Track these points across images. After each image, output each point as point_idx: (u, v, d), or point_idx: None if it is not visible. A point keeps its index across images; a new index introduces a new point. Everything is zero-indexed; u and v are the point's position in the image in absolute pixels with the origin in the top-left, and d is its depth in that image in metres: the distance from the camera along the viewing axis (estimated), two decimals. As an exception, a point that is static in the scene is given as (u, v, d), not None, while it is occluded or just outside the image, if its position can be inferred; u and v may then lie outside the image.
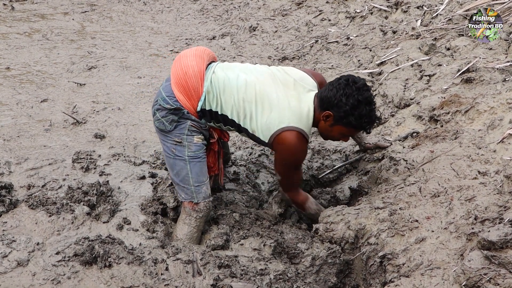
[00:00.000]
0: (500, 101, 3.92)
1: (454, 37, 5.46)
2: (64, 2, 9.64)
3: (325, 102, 3.56)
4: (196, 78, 3.60)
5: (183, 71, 3.61)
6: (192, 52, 3.74)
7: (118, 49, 7.50)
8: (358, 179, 4.32)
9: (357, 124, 3.55)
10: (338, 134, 3.68)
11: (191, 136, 3.65)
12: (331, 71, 5.87)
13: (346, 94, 3.49)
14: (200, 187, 3.68)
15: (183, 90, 3.60)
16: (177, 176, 3.69)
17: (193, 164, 3.66)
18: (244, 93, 3.58)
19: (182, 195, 3.71)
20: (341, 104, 3.49)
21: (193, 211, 3.67)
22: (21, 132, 4.87)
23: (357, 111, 3.50)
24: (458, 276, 2.80)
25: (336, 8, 7.44)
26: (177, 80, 3.62)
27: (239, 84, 3.60)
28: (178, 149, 3.65)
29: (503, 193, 3.18)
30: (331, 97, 3.53)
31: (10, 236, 3.35)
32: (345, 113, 3.50)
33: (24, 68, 6.61)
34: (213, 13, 8.80)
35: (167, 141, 3.68)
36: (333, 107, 3.53)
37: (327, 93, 3.56)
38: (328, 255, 3.52)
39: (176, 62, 3.71)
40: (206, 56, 3.75)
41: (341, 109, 3.50)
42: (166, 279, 3.21)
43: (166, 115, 3.62)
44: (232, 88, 3.60)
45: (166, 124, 3.63)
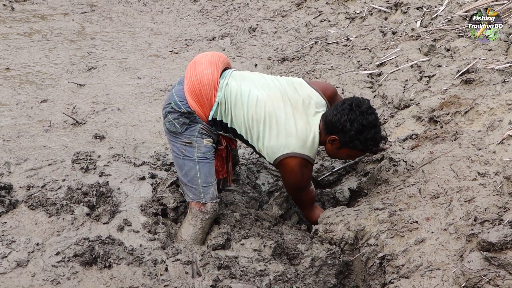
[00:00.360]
0: (500, 102, 3.92)
1: (454, 38, 5.46)
2: (64, 2, 9.64)
3: (330, 126, 3.60)
4: (210, 87, 3.62)
5: (197, 79, 3.62)
6: (207, 59, 3.73)
7: (117, 50, 7.50)
8: (358, 180, 4.32)
9: (363, 147, 3.60)
10: (346, 156, 3.75)
11: (201, 138, 3.68)
12: (331, 72, 5.87)
13: (350, 119, 3.53)
14: (208, 188, 3.70)
15: (196, 98, 3.62)
16: (186, 176, 3.70)
17: (202, 164, 3.68)
18: (254, 111, 3.61)
19: (189, 196, 3.72)
20: (346, 130, 3.54)
21: (199, 212, 3.68)
22: (21, 132, 4.86)
23: (363, 135, 3.54)
24: (458, 277, 2.80)
25: (336, 9, 7.44)
26: (191, 87, 3.63)
27: (250, 101, 3.63)
28: (187, 150, 3.67)
29: (502, 194, 3.18)
30: (336, 122, 3.56)
31: (9, 236, 3.35)
32: (350, 138, 3.55)
33: (24, 68, 6.60)
34: (212, 14, 8.80)
35: (176, 142, 3.70)
36: (339, 132, 3.57)
37: (331, 118, 3.59)
38: (328, 256, 3.53)
39: (191, 68, 3.71)
40: (220, 63, 3.76)
41: (346, 135, 3.55)
42: (165, 280, 3.21)
43: (178, 117, 3.64)
44: (243, 104, 3.62)
45: (177, 126, 3.65)
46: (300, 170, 3.63)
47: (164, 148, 4.69)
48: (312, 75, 5.97)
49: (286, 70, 6.42)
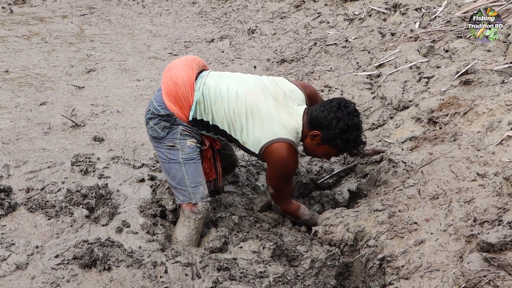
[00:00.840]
0: (499, 103, 3.92)
1: (453, 39, 5.46)
2: (62, 5, 9.64)
3: (315, 122, 3.67)
4: (186, 88, 3.66)
5: (173, 81, 3.67)
6: (181, 62, 3.78)
7: (117, 52, 7.50)
8: (357, 182, 4.32)
9: (344, 147, 3.69)
10: (323, 154, 3.81)
11: (183, 140, 3.70)
12: (330, 73, 5.88)
13: (337, 117, 3.61)
14: (197, 188, 3.71)
15: (174, 100, 3.66)
16: (174, 179, 3.71)
17: (188, 165, 3.69)
18: (235, 105, 3.65)
19: (180, 198, 3.73)
20: (331, 127, 3.62)
21: (191, 213, 3.68)
22: (20, 135, 4.86)
23: (346, 135, 3.63)
24: (458, 278, 2.80)
25: (335, 10, 7.44)
26: (167, 90, 3.68)
27: (230, 96, 3.67)
28: (172, 153, 3.69)
29: (502, 195, 3.18)
30: (322, 118, 3.64)
31: (9, 239, 3.35)
32: (333, 135, 3.63)
33: (23, 71, 6.61)
34: (211, 16, 8.80)
35: (161, 147, 3.73)
36: (323, 128, 3.65)
37: (318, 113, 3.66)
38: (328, 258, 3.53)
39: (166, 72, 3.76)
40: (195, 65, 3.80)
41: (330, 131, 3.63)
42: (165, 282, 3.20)
43: (158, 122, 3.69)
44: (223, 100, 3.66)
45: (159, 131, 3.68)
46: (287, 155, 3.63)
47: (164, 150, 4.69)
48: (311, 76, 5.97)
49: (285, 72, 6.42)
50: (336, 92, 5.41)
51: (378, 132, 4.67)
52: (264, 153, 3.64)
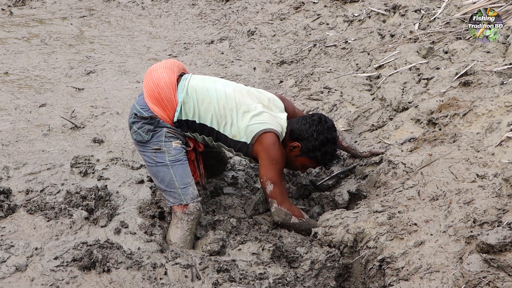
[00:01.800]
0: (498, 104, 3.92)
1: (452, 40, 5.46)
2: (62, 7, 9.64)
3: (296, 133, 3.86)
4: (168, 89, 3.69)
5: (154, 83, 3.70)
6: (161, 65, 3.83)
7: (116, 54, 7.50)
8: (357, 183, 4.31)
9: (321, 159, 3.89)
10: (300, 165, 3.98)
11: (169, 142, 3.72)
12: (329, 75, 5.88)
13: (317, 130, 3.82)
14: (187, 189, 3.71)
15: (157, 102, 3.69)
16: (162, 182, 3.72)
17: (176, 167, 3.71)
18: (225, 101, 3.74)
19: (170, 200, 3.74)
20: (311, 139, 3.82)
21: (183, 214, 3.69)
22: (20, 137, 4.86)
23: (324, 148, 3.84)
24: (457, 279, 2.80)
25: (334, 12, 7.44)
26: (149, 92, 3.71)
27: (219, 95, 3.76)
28: (158, 156, 3.70)
29: (501, 196, 3.19)
30: (303, 130, 3.84)
31: (8, 241, 3.35)
32: (313, 147, 3.82)
33: (22, 73, 6.61)
34: (211, 18, 8.80)
35: (146, 151, 3.74)
36: (303, 140, 3.84)
37: (299, 126, 3.86)
38: (327, 259, 3.52)
39: (147, 75, 3.79)
40: (176, 67, 3.85)
41: (310, 143, 3.82)
42: (165, 283, 3.20)
43: (142, 125, 3.70)
44: (211, 99, 3.74)
45: (143, 134, 3.70)
46: (279, 144, 3.78)
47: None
48: (310, 78, 5.97)
49: (285, 73, 6.42)
50: (336, 93, 5.41)
51: (378, 134, 4.67)
52: (257, 141, 3.73)
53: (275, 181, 3.78)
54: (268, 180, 3.78)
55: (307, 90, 5.73)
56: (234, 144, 3.79)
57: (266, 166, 3.76)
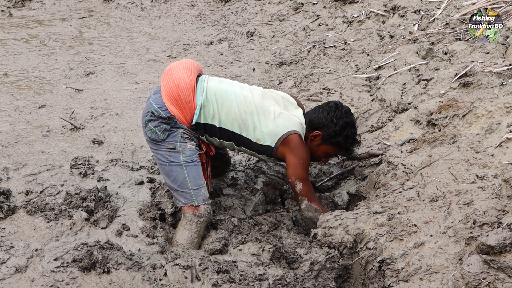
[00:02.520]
0: (498, 105, 3.93)
1: (452, 41, 5.47)
2: (61, 8, 9.64)
3: (315, 123, 3.93)
4: (188, 91, 3.68)
5: (175, 83, 3.68)
6: (181, 65, 3.81)
7: (115, 55, 7.50)
8: (356, 184, 4.32)
9: (344, 143, 3.93)
10: (323, 153, 4.01)
11: (184, 143, 3.71)
12: (329, 76, 5.88)
13: (336, 116, 3.89)
14: (199, 190, 3.70)
15: (175, 102, 3.67)
16: (175, 182, 3.70)
17: (190, 168, 3.69)
18: (245, 106, 3.76)
19: (181, 200, 3.71)
20: (331, 125, 3.88)
21: (193, 216, 3.68)
22: (19, 138, 4.86)
23: (345, 132, 3.89)
24: (457, 280, 2.80)
25: (334, 13, 7.45)
26: (169, 92, 3.68)
27: (238, 99, 3.77)
28: (173, 156, 3.68)
29: (501, 197, 3.19)
30: (322, 118, 3.91)
31: (8, 242, 3.35)
32: (334, 132, 3.88)
33: (22, 74, 6.60)
34: (210, 19, 8.80)
35: (160, 149, 3.72)
36: (323, 127, 3.90)
37: (317, 115, 3.94)
38: (327, 260, 3.52)
39: (166, 74, 3.77)
40: (195, 68, 3.85)
41: (330, 129, 3.88)
42: (164, 284, 3.20)
43: (158, 124, 3.68)
44: (231, 102, 3.75)
45: (159, 133, 3.68)
46: (303, 143, 3.86)
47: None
48: (310, 79, 5.97)
49: (284, 74, 6.42)
50: (335, 94, 5.41)
51: (377, 135, 4.67)
52: (283, 143, 3.79)
53: (304, 179, 3.87)
54: (297, 179, 3.86)
55: (306, 91, 5.73)
56: (258, 147, 3.84)
57: (294, 166, 3.83)
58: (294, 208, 4.29)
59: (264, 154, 3.88)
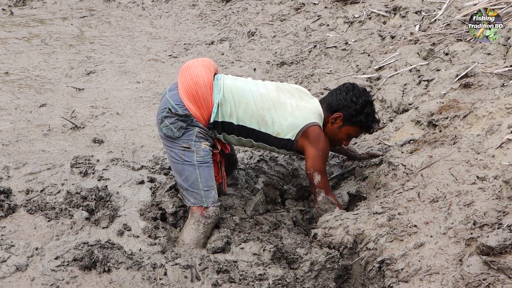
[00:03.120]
0: (499, 106, 3.93)
1: (453, 42, 5.47)
2: (63, 7, 9.64)
3: (334, 105, 3.91)
4: (206, 88, 3.68)
5: (193, 80, 3.68)
6: (199, 63, 3.81)
7: (116, 54, 7.50)
8: (357, 184, 4.32)
9: (365, 121, 3.91)
10: (344, 136, 3.98)
11: (199, 142, 3.70)
12: (330, 76, 5.88)
13: (355, 95, 3.88)
14: (210, 192, 3.71)
15: (193, 100, 3.66)
16: (186, 181, 3.70)
17: (202, 168, 3.69)
18: (262, 102, 3.77)
19: (191, 200, 3.71)
20: (351, 104, 3.86)
21: (202, 217, 3.68)
22: (20, 136, 4.86)
23: (366, 109, 3.89)
24: (457, 281, 2.80)
25: (335, 13, 7.45)
26: (187, 89, 3.67)
27: (255, 96, 3.78)
28: (186, 155, 3.68)
29: (502, 198, 3.19)
30: (341, 99, 3.90)
31: (8, 241, 3.35)
32: (355, 111, 3.86)
33: (23, 73, 6.61)
34: (211, 18, 8.80)
35: (174, 147, 3.71)
36: (343, 108, 3.88)
37: (335, 97, 3.93)
38: (327, 260, 3.52)
39: (185, 71, 3.76)
40: (212, 67, 3.84)
41: (351, 109, 3.86)
42: (164, 284, 3.21)
43: (175, 121, 3.66)
44: (248, 99, 3.76)
45: (175, 130, 3.66)
46: (323, 135, 3.87)
47: (163, 152, 4.69)
48: (311, 79, 5.97)
49: (285, 74, 6.42)
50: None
51: (378, 135, 4.67)
52: (303, 135, 3.79)
53: (322, 172, 3.87)
54: (315, 171, 3.85)
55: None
56: (277, 142, 3.84)
57: (314, 158, 3.83)
58: (295, 208, 4.29)
59: (283, 148, 3.89)
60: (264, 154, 4.71)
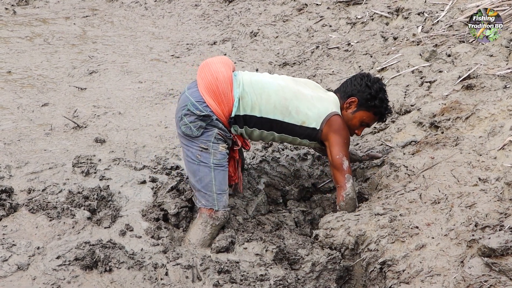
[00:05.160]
0: (501, 108, 3.92)
1: (455, 43, 5.46)
2: (65, 6, 9.65)
3: (349, 92, 4.00)
4: (226, 84, 3.67)
5: (213, 76, 3.68)
6: (218, 60, 3.84)
7: (119, 54, 7.51)
8: (358, 185, 4.31)
9: (380, 106, 3.97)
10: (358, 122, 4.02)
11: (217, 144, 3.69)
12: (332, 77, 5.88)
13: (370, 80, 3.99)
14: (222, 196, 3.71)
15: (214, 95, 3.66)
16: (200, 182, 3.70)
17: (218, 172, 3.69)
18: (283, 93, 3.79)
19: (202, 201, 3.71)
20: (366, 89, 3.95)
21: (210, 218, 3.68)
22: (22, 136, 4.86)
23: (380, 94, 3.97)
24: (458, 283, 2.80)
25: (337, 14, 7.44)
26: (207, 85, 3.67)
27: (275, 87, 3.81)
28: (203, 156, 3.67)
29: (503, 200, 3.18)
30: (356, 85, 3.99)
31: (10, 240, 3.35)
32: (370, 95, 3.94)
33: (25, 72, 6.61)
34: (214, 18, 8.80)
35: (192, 146, 3.70)
36: (358, 93, 3.96)
37: (350, 85, 4.03)
38: (328, 261, 3.52)
39: (204, 68, 3.78)
40: (230, 64, 3.86)
41: (366, 93, 3.94)
42: (165, 284, 3.21)
43: (194, 120, 3.66)
44: (269, 91, 3.77)
45: (194, 129, 3.66)
46: (345, 124, 3.94)
47: (165, 152, 4.69)
48: (313, 80, 5.96)
49: (287, 75, 6.41)
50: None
51: (380, 136, 4.67)
52: (327, 124, 3.84)
53: (345, 154, 3.90)
54: (344, 156, 3.87)
55: (309, 92, 5.72)
56: (302, 131, 3.87)
57: (340, 144, 3.87)
58: (296, 209, 4.29)
59: (307, 138, 3.92)
60: (266, 155, 4.70)
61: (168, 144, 4.88)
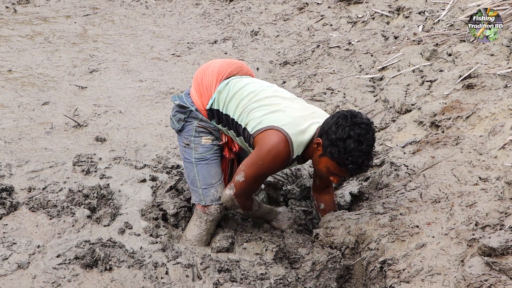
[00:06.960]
0: (502, 107, 3.92)
1: (456, 42, 5.46)
2: (66, 5, 9.66)
3: (322, 129, 3.35)
4: (211, 77, 3.60)
5: (203, 69, 3.67)
6: (222, 59, 3.76)
7: (119, 53, 7.51)
8: (359, 185, 4.31)
9: (339, 158, 3.23)
10: (324, 168, 3.39)
11: (198, 138, 3.63)
12: (332, 76, 5.88)
13: (337, 123, 3.24)
14: (208, 190, 3.64)
15: (197, 87, 3.62)
16: (188, 178, 3.70)
17: (200, 166, 3.65)
18: (255, 96, 3.46)
19: (193, 197, 3.71)
20: (330, 132, 3.25)
21: (203, 213, 3.66)
22: (22, 134, 4.87)
23: (344, 144, 3.20)
24: (459, 282, 2.80)
25: (338, 13, 7.45)
26: (195, 76, 3.66)
27: (253, 90, 3.50)
28: (186, 152, 3.66)
29: (504, 199, 3.18)
30: (326, 123, 3.33)
31: (10, 238, 3.35)
32: (330, 141, 3.23)
33: (26, 70, 6.62)
34: (215, 17, 8.81)
35: (180, 143, 3.71)
36: (323, 134, 3.30)
37: (327, 120, 3.37)
38: (329, 260, 3.52)
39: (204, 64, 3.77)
40: (234, 65, 3.69)
41: (328, 137, 3.24)
42: (166, 283, 3.20)
43: (175, 113, 3.66)
44: (243, 91, 3.49)
45: (175, 123, 3.65)
46: (279, 147, 3.31)
47: (166, 152, 4.69)
48: (313, 79, 5.97)
49: (288, 74, 6.42)
50: (339, 94, 5.41)
51: (380, 136, 4.67)
52: (258, 136, 3.37)
53: (249, 179, 3.44)
54: (244, 172, 3.44)
55: (310, 91, 5.73)
56: (244, 132, 3.49)
57: (252, 161, 3.41)
58: (297, 208, 4.29)
59: (248, 143, 3.54)
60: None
61: (169, 143, 4.89)
